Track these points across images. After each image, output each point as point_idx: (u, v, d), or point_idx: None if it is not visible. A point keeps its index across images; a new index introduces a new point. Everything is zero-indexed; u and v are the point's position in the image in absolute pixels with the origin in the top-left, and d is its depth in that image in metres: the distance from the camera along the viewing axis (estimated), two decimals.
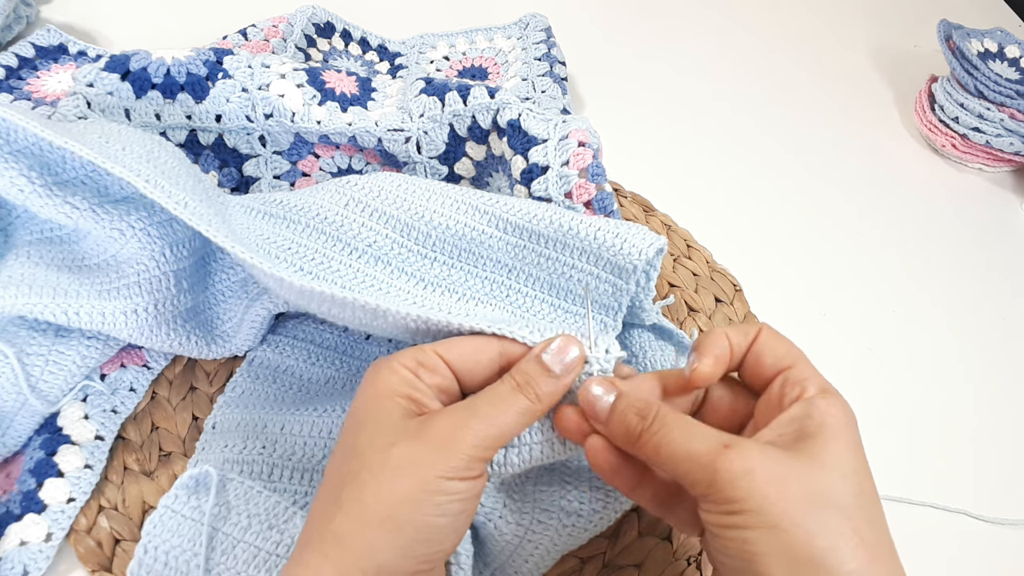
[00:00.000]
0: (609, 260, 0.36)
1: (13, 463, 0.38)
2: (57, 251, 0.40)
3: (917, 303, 0.51)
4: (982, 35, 0.62)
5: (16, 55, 0.58)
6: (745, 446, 0.25)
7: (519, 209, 0.37)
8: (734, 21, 0.76)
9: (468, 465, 0.26)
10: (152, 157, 0.37)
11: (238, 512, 0.34)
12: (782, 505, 0.23)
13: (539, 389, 0.28)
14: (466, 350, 0.29)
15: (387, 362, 0.28)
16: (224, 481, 0.34)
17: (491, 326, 0.30)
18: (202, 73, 0.46)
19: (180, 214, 0.33)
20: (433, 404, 0.28)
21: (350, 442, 0.27)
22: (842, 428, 0.26)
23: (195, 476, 0.34)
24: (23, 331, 0.39)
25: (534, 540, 0.32)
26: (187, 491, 0.34)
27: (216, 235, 0.33)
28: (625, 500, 0.33)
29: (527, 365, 0.28)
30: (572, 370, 0.29)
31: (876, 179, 0.60)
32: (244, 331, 0.42)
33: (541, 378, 0.28)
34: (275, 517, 0.34)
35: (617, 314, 0.37)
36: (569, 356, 0.28)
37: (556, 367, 0.28)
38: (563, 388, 0.29)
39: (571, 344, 0.29)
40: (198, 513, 0.33)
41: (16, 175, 0.35)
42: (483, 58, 0.64)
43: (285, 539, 0.33)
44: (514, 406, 0.27)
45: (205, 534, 0.32)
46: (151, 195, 0.33)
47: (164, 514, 0.33)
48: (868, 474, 0.26)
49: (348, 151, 0.50)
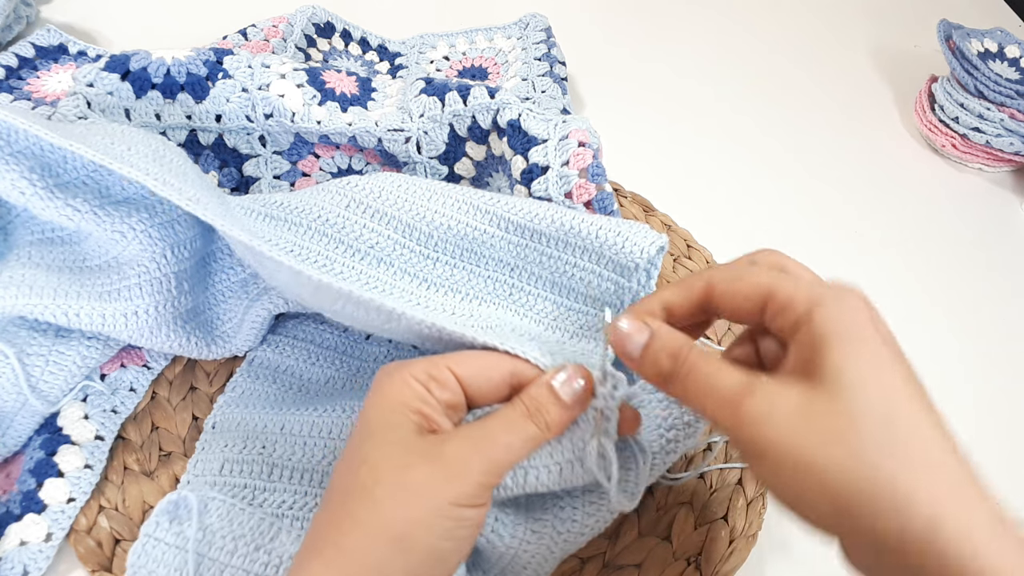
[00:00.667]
0: (611, 258, 0.36)
1: (13, 463, 0.38)
2: (58, 252, 0.40)
3: (917, 303, 0.51)
4: (982, 35, 0.62)
5: (16, 55, 0.58)
6: (767, 387, 0.24)
7: (520, 208, 0.37)
8: (734, 21, 0.76)
9: (479, 493, 0.26)
10: (158, 156, 0.37)
11: (223, 535, 0.33)
12: (800, 448, 0.23)
13: (549, 417, 0.28)
14: (478, 367, 0.29)
15: (399, 372, 0.28)
16: (205, 502, 0.34)
17: (503, 343, 0.30)
18: (202, 73, 0.46)
19: (194, 210, 0.33)
20: (442, 420, 0.28)
21: (361, 453, 0.27)
22: (853, 333, 0.24)
23: (174, 501, 0.33)
24: (23, 331, 0.39)
25: (529, 550, 0.32)
26: (167, 516, 0.33)
27: (232, 230, 0.33)
28: (619, 504, 0.33)
29: (538, 392, 0.28)
30: (581, 402, 0.29)
31: (876, 179, 0.60)
32: (244, 331, 0.42)
33: (552, 406, 0.28)
34: (261, 536, 0.34)
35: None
36: (578, 386, 0.29)
37: (566, 396, 0.28)
38: (571, 418, 0.29)
39: (581, 375, 0.29)
40: (181, 540, 0.33)
41: (17, 177, 0.35)
42: (483, 58, 0.64)
43: (273, 559, 0.33)
44: (524, 433, 0.28)
45: (191, 562, 0.32)
46: (162, 193, 0.33)
47: (147, 543, 0.33)
48: (901, 379, 0.23)
49: (348, 151, 0.50)
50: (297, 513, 0.36)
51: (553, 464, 0.29)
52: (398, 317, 0.31)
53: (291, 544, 0.34)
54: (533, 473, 0.29)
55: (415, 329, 0.32)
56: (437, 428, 0.28)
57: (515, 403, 0.28)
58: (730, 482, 0.40)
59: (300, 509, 0.36)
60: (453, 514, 0.26)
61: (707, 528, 0.38)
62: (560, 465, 0.29)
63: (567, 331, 0.38)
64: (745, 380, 0.24)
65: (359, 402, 0.38)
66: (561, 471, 0.29)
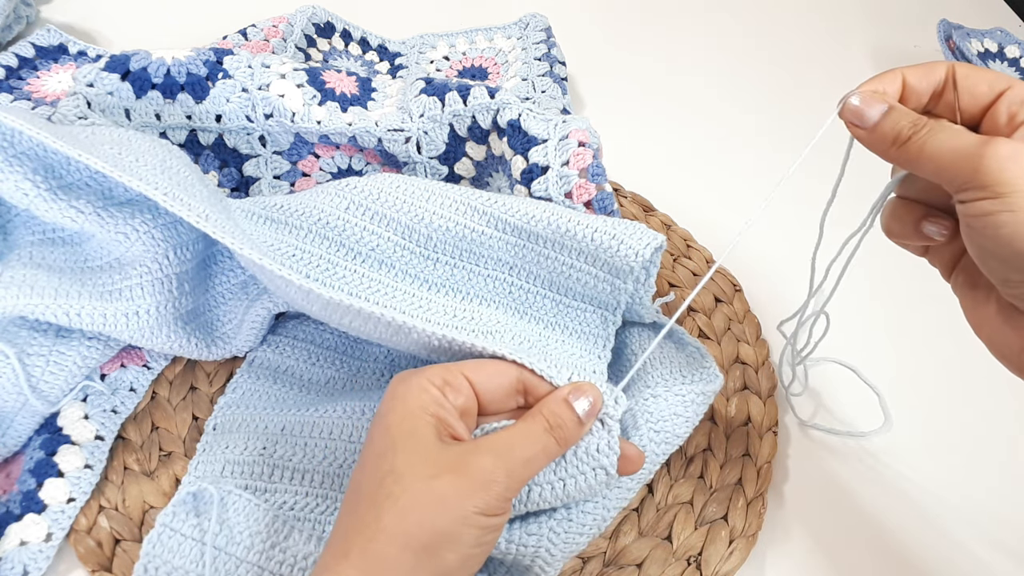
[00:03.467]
0: (606, 261, 0.36)
1: (13, 463, 0.38)
2: (59, 253, 0.40)
3: (918, 303, 0.51)
4: (982, 35, 0.62)
5: (16, 55, 0.58)
6: (1008, 142, 0.25)
7: (517, 210, 0.37)
8: (734, 21, 0.76)
9: (502, 503, 0.27)
10: (166, 167, 0.37)
11: (240, 531, 0.33)
12: None
13: (566, 433, 0.29)
14: (488, 373, 0.31)
15: (416, 378, 0.29)
16: (222, 496, 0.34)
17: (512, 354, 0.31)
18: (202, 73, 0.46)
19: (203, 227, 0.34)
20: (457, 425, 0.29)
21: (386, 461, 0.27)
22: None
23: (193, 493, 0.34)
24: (24, 331, 0.39)
25: (528, 553, 0.32)
26: (185, 508, 0.33)
27: (243, 247, 0.34)
28: (614, 510, 0.34)
29: (559, 408, 0.30)
30: (591, 418, 0.30)
31: (876, 179, 0.60)
32: (244, 332, 0.42)
33: (571, 423, 0.30)
34: (276, 534, 0.34)
35: (616, 311, 0.37)
36: (592, 405, 0.30)
37: (582, 413, 0.30)
38: (580, 435, 0.30)
39: (595, 393, 0.30)
40: (198, 532, 0.33)
41: (21, 179, 0.35)
42: (483, 58, 0.64)
43: (288, 558, 0.33)
44: (544, 447, 0.29)
45: (209, 555, 0.32)
46: (173, 209, 0.34)
47: (163, 533, 0.33)
48: None
49: (348, 151, 0.50)
50: (299, 514, 0.36)
51: (557, 480, 0.30)
52: (408, 331, 0.32)
53: (304, 544, 0.34)
54: (536, 491, 0.30)
55: (424, 341, 0.33)
56: (454, 433, 0.28)
57: (535, 417, 0.29)
58: (730, 482, 0.40)
59: (302, 510, 0.36)
60: (479, 523, 0.26)
61: (707, 528, 0.38)
62: (564, 481, 0.30)
63: (566, 329, 0.38)
64: (988, 138, 0.26)
65: (359, 403, 0.38)
66: (565, 486, 0.30)
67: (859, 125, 0.30)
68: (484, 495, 0.26)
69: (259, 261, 0.33)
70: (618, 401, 0.31)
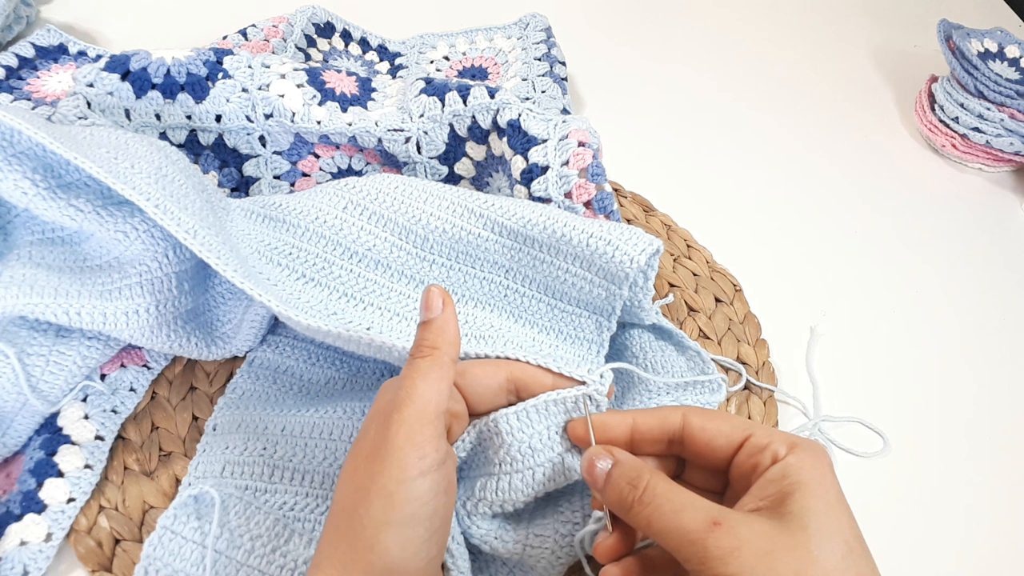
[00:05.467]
0: (602, 266, 0.36)
1: (13, 463, 0.38)
2: (59, 252, 0.40)
3: (917, 303, 0.51)
4: (982, 35, 0.62)
5: (16, 55, 0.58)
6: (733, 521, 0.25)
7: (514, 213, 0.37)
8: (734, 21, 0.76)
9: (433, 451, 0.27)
10: (161, 175, 0.37)
11: (240, 534, 0.33)
12: None
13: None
14: (477, 375, 0.31)
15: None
16: (223, 499, 0.34)
17: (502, 353, 0.31)
18: (202, 73, 0.46)
19: (190, 244, 0.34)
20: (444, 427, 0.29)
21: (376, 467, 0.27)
22: (819, 482, 0.26)
23: (195, 496, 0.34)
24: (24, 331, 0.39)
25: (534, 555, 0.32)
26: (186, 511, 0.33)
27: (226, 268, 0.34)
28: None
29: None
30: None
31: (876, 179, 0.60)
32: (244, 332, 0.42)
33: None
34: (276, 538, 0.34)
35: (611, 316, 0.37)
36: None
37: None
38: None
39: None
40: (199, 535, 0.33)
41: (20, 178, 0.35)
42: (483, 58, 0.64)
43: (288, 562, 0.33)
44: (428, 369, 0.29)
45: (210, 558, 0.32)
46: (161, 222, 0.34)
47: (164, 535, 0.33)
48: (852, 526, 0.26)
49: (348, 151, 0.50)
50: (299, 515, 0.36)
51: (536, 466, 0.30)
52: (389, 350, 0.32)
53: (304, 548, 0.34)
54: (518, 476, 0.30)
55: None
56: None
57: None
58: None
59: (302, 511, 0.36)
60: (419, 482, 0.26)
61: None
62: (543, 466, 0.30)
63: (560, 333, 0.38)
64: (713, 512, 0.25)
65: (359, 403, 0.38)
66: (544, 472, 0.31)
67: (593, 485, 0.29)
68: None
69: (240, 284, 0.34)
70: (603, 376, 0.31)
